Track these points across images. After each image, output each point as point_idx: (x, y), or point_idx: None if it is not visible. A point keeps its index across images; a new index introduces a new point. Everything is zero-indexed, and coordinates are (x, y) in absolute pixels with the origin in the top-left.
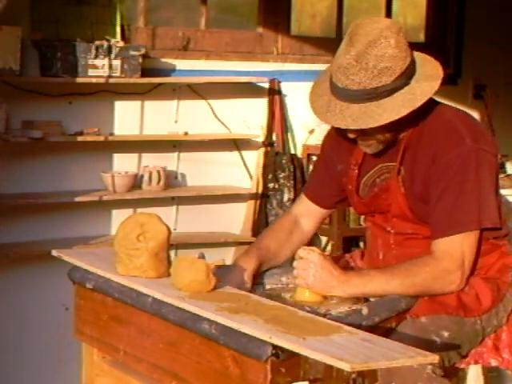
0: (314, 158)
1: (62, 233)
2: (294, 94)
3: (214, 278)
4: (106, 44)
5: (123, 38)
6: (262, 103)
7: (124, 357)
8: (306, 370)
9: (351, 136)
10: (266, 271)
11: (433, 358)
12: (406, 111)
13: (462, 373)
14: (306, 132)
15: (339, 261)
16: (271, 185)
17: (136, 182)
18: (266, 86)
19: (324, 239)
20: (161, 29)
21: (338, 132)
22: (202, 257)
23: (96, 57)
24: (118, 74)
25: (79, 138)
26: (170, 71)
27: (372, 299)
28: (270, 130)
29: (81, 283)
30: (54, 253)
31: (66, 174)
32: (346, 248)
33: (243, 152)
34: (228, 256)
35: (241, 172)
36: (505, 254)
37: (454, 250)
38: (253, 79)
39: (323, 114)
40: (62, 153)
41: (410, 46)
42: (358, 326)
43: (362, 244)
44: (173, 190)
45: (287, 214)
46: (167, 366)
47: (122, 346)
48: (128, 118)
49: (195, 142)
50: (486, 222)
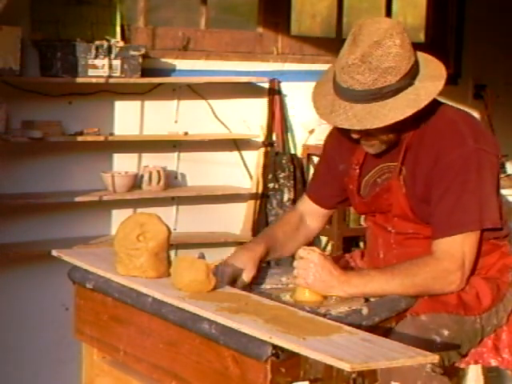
0: (314, 157)
1: (62, 233)
2: (294, 93)
3: (213, 278)
4: (105, 44)
5: (123, 37)
6: (262, 103)
7: (124, 357)
8: (306, 370)
9: (355, 136)
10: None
11: (433, 358)
12: (410, 111)
13: (461, 373)
14: (306, 132)
15: (339, 261)
16: (271, 185)
17: (136, 182)
18: (266, 85)
19: (324, 239)
20: (161, 29)
21: (340, 132)
22: (202, 257)
23: (96, 57)
24: (118, 74)
25: (79, 138)
26: (170, 71)
27: (372, 299)
28: (270, 129)
29: (81, 283)
30: (54, 253)
31: (65, 174)
32: (346, 248)
33: (243, 152)
34: None
35: (241, 172)
36: (505, 254)
37: (455, 250)
38: (253, 79)
39: (327, 115)
40: (62, 153)
41: (413, 46)
42: (358, 326)
43: (362, 244)
44: (173, 190)
45: (293, 211)
46: (167, 366)
47: (122, 345)
48: (128, 118)
49: (195, 142)
50: (487, 222)
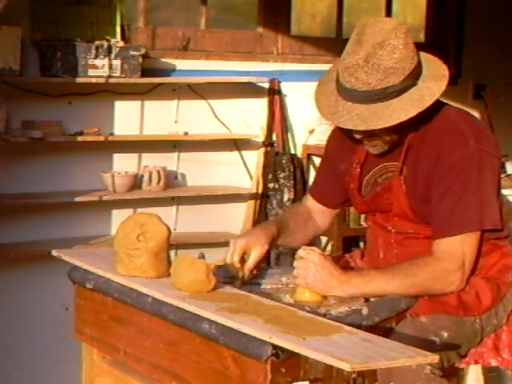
0: (314, 157)
1: (62, 233)
2: (294, 94)
3: (213, 278)
4: (105, 44)
5: (123, 37)
6: (261, 103)
7: (124, 357)
8: (306, 370)
9: (357, 137)
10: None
11: (433, 358)
12: (415, 111)
13: (461, 373)
14: (306, 132)
15: (339, 261)
16: (271, 185)
17: (136, 182)
18: (266, 85)
19: (324, 239)
20: (161, 29)
21: (342, 132)
22: (202, 257)
23: (96, 57)
24: (118, 74)
25: (79, 138)
26: (170, 71)
27: (372, 299)
28: (270, 129)
29: (81, 283)
30: (54, 253)
31: (65, 174)
32: (346, 248)
33: (243, 152)
34: None
35: (241, 172)
36: (505, 254)
37: (455, 250)
38: (253, 79)
39: (330, 115)
40: (62, 153)
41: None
42: (358, 326)
43: (362, 244)
44: (173, 190)
45: (302, 205)
46: (167, 366)
47: (122, 346)
48: (128, 118)
49: (195, 142)
50: (488, 223)
